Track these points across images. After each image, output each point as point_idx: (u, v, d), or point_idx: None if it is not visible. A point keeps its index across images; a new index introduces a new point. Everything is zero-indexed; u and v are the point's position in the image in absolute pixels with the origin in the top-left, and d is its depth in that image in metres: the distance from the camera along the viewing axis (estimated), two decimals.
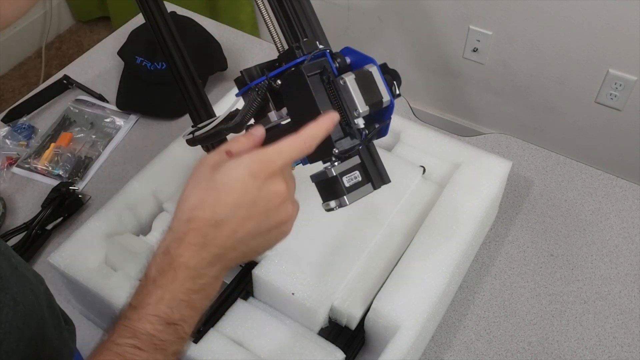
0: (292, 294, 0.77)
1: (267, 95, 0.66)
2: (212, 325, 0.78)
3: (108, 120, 1.19)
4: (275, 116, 0.67)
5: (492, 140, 1.13)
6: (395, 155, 0.95)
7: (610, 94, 1.76)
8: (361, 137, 0.62)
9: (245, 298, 0.82)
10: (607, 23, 1.63)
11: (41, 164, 1.10)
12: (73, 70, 1.30)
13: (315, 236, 0.83)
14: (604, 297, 0.92)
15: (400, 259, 0.82)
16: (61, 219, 1.02)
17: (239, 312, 0.79)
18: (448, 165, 0.94)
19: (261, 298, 0.82)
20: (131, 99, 1.21)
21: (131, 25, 1.34)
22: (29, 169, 1.11)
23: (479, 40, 1.87)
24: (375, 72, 0.63)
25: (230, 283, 0.84)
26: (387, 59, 0.66)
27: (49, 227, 1.01)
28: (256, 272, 0.80)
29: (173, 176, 0.93)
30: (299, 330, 0.78)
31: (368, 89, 0.62)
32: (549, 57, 1.79)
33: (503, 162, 0.93)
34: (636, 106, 1.75)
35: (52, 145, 1.13)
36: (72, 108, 1.21)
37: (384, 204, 0.87)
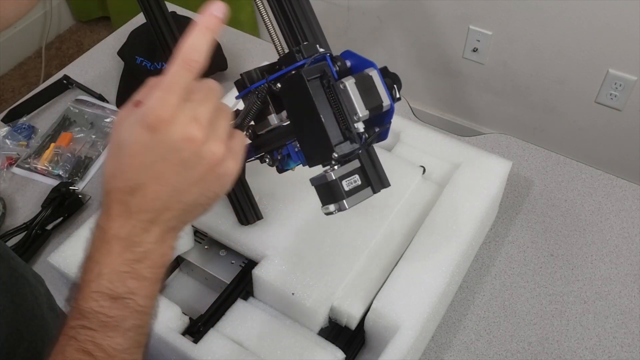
0: (292, 294, 0.77)
1: (267, 99, 0.66)
2: (212, 325, 0.78)
3: (108, 120, 1.19)
4: (275, 119, 0.67)
5: (492, 140, 1.13)
6: (395, 156, 0.95)
7: (610, 94, 1.76)
8: (361, 141, 0.62)
9: (245, 298, 0.82)
10: (607, 23, 1.63)
11: (41, 164, 1.10)
12: (73, 70, 1.30)
13: (315, 236, 0.83)
14: (604, 297, 0.92)
15: (400, 259, 0.82)
16: (61, 219, 1.02)
17: (239, 312, 0.79)
18: (448, 165, 0.94)
19: (261, 298, 0.82)
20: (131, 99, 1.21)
21: (131, 25, 1.34)
22: (29, 169, 1.11)
23: (479, 40, 1.87)
24: (375, 76, 0.63)
25: (230, 283, 0.84)
26: (387, 59, 0.66)
27: (49, 227, 1.01)
28: (256, 272, 0.80)
29: None
30: (299, 330, 0.78)
31: (368, 93, 0.62)
32: (549, 57, 1.79)
33: (503, 162, 0.93)
34: (636, 106, 1.75)
35: (52, 145, 1.13)
36: (72, 108, 1.21)
37: (384, 204, 0.87)
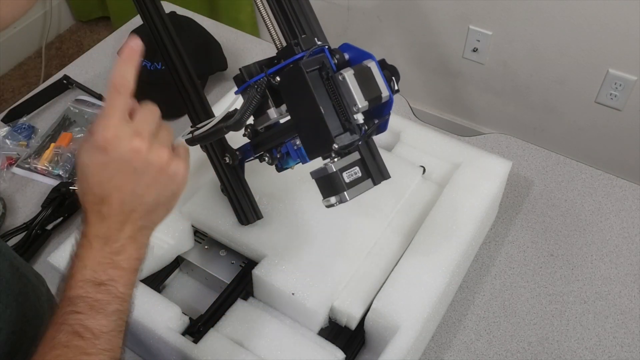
0: (292, 294, 0.77)
1: (266, 92, 0.66)
2: (212, 325, 0.78)
3: None
4: (274, 113, 0.67)
5: (492, 140, 1.13)
6: (395, 155, 0.95)
7: (610, 94, 1.76)
8: (360, 133, 0.62)
9: (245, 298, 0.82)
10: (607, 23, 1.63)
11: (41, 164, 1.10)
12: (73, 70, 1.30)
13: (315, 236, 0.83)
14: (604, 297, 0.92)
15: (400, 259, 0.82)
16: (61, 219, 1.02)
17: (239, 312, 0.79)
18: (448, 165, 0.94)
19: (261, 298, 0.82)
20: None
21: (131, 25, 1.34)
22: (29, 169, 1.11)
23: (479, 40, 1.87)
24: (374, 67, 0.63)
25: (230, 283, 0.84)
26: (387, 59, 0.66)
27: (49, 227, 1.01)
28: (256, 272, 0.80)
29: None
30: (299, 330, 0.78)
31: (367, 84, 0.62)
32: (549, 57, 1.79)
33: (503, 162, 0.93)
34: (636, 106, 1.75)
35: (52, 145, 1.13)
36: (72, 108, 1.21)
37: (384, 203, 0.87)
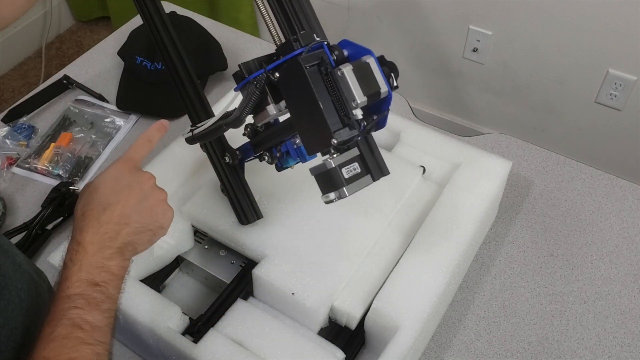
0: (292, 294, 0.77)
1: (265, 89, 0.66)
2: (212, 325, 0.78)
3: (108, 120, 1.19)
4: (274, 109, 0.67)
5: (492, 140, 1.13)
6: (395, 155, 0.95)
7: (610, 94, 1.76)
8: (359, 128, 0.62)
9: (245, 298, 0.82)
10: (607, 23, 1.63)
11: (41, 164, 1.10)
12: (73, 70, 1.30)
13: (315, 236, 0.83)
14: (604, 297, 0.92)
15: (400, 258, 0.82)
16: (61, 219, 1.02)
17: (239, 312, 0.79)
18: (448, 165, 0.94)
19: (261, 298, 0.82)
20: (131, 99, 1.21)
21: (131, 25, 1.34)
22: (29, 169, 1.11)
23: (479, 40, 1.87)
24: (372, 63, 0.63)
25: (230, 283, 0.84)
26: (386, 58, 0.66)
27: (49, 227, 1.01)
28: (256, 272, 0.80)
29: (173, 176, 0.93)
30: (299, 330, 0.78)
31: (366, 80, 0.62)
32: (549, 57, 1.79)
33: (503, 162, 0.93)
34: (636, 106, 1.75)
35: (52, 145, 1.13)
36: (72, 108, 1.21)
37: (384, 203, 0.87)
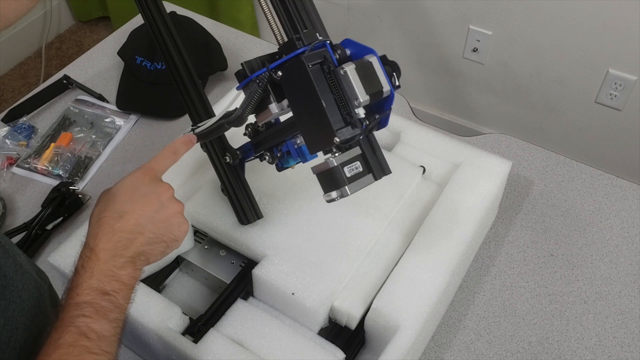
0: (292, 294, 0.77)
1: (267, 87, 0.66)
2: (212, 325, 0.78)
3: (108, 120, 1.19)
4: (276, 108, 0.67)
5: (492, 140, 1.13)
6: (395, 155, 0.95)
7: (610, 94, 1.76)
8: (362, 127, 0.62)
9: (245, 298, 0.82)
10: (607, 23, 1.63)
11: (41, 164, 1.10)
12: (73, 70, 1.30)
13: (315, 236, 0.83)
14: (604, 297, 0.92)
15: (400, 258, 0.82)
16: (61, 219, 1.02)
17: (239, 312, 0.79)
18: (448, 165, 0.94)
19: (261, 298, 0.82)
20: (131, 99, 1.21)
21: (131, 25, 1.34)
22: (29, 169, 1.11)
23: (479, 40, 1.87)
24: (375, 62, 0.63)
25: (230, 283, 0.84)
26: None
27: (49, 227, 1.01)
28: (256, 272, 0.80)
29: (173, 176, 0.93)
30: (299, 330, 0.78)
31: (368, 78, 0.62)
32: (549, 57, 1.79)
33: (503, 162, 0.93)
34: (636, 106, 1.75)
35: (52, 145, 1.13)
36: (72, 108, 1.21)
37: (384, 203, 0.87)
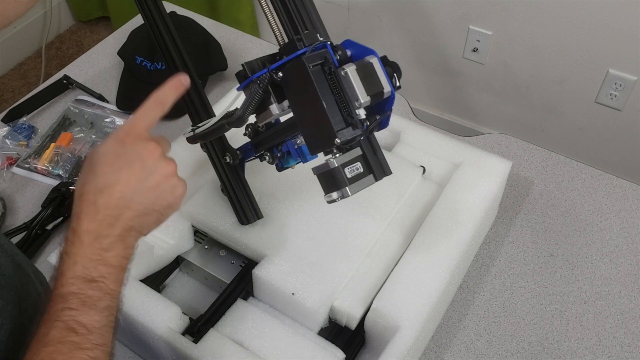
0: (292, 294, 0.77)
1: (268, 88, 0.66)
2: (212, 325, 0.78)
3: (108, 120, 1.19)
4: (276, 109, 0.67)
5: (492, 140, 1.13)
6: (395, 155, 0.95)
7: (610, 94, 1.76)
8: (362, 128, 0.62)
9: (245, 298, 0.82)
10: (607, 23, 1.63)
11: (41, 164, 1.10)
12: (73, 70, 1.30)
13: (315, 236, 0.83)
14: (604, 297, 0.92)
15: (400, 258, 0.82)
16: (61, 219, 1.02)
17: (239, 312, 0.79)
18: (448, 165, 0.94)
19: (261, 298, 0.82)
20: (131, 99, 1.21)
21: (131, 25, 1.34)
22: (29, 169, 1.11)
23: (479, 40, 1.87)
24: (375, 63, 0.63)
25: (230, 283, 0.84)
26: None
27: (49, 227, 1.01)
28: (256, 272, 0.80)
29: None
30: (299, 330, 0.78)
31: (369, 79, 0.62)
32: (549, 57, 1.79)
33: (503, 162, 0.93)
34: (636, 106, 1.75)
35: (52, 145, 1.13)
36: (72, 108, 1.21)
37: (384, 203, 0.87)
